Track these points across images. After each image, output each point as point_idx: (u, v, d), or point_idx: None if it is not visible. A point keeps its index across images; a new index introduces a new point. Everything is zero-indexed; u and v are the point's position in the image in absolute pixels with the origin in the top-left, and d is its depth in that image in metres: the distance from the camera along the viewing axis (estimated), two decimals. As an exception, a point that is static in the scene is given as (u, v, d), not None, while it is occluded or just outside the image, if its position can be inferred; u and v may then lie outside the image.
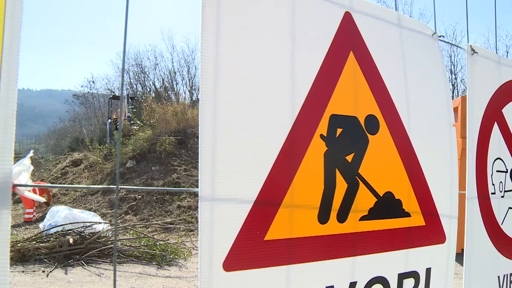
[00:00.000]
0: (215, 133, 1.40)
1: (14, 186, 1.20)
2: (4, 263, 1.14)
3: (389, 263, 1.81)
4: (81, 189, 15.16)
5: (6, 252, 1.14)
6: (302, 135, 1.59)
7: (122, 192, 13.72)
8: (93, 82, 37.08)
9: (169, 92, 33.07)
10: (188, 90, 34.30)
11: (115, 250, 1.39)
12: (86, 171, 17.70)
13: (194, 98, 32.52)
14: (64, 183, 17.05)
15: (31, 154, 1.60)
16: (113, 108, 26.11)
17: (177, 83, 35.01)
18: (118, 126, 20.88)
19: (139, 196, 13.25)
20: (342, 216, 1.70)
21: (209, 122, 1.39)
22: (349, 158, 1.72)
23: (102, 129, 27.16)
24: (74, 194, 15.23)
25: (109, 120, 22.83)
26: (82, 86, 37.49)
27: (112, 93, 34.14)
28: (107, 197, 13.90)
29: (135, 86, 35.13)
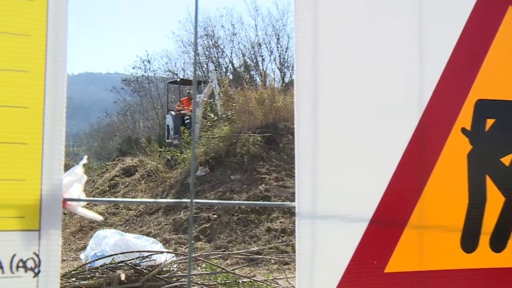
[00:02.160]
0: (316, 131, 1.48)
1: (65, 201, 1.38)
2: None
3: None
4: (136, 207, 15.88)
5: (56, 281, 1.32)
6: (435, 130, 1.63)
7: (194, 205, 14.09)
8: (149, 61, 38.33)
9: (252, 73, 33.39)
10: (279, 69, 34.41)
11: None
12: (142, 182, 18.49)
13: (286, 80, 32.55)
14: (112, 198, 17.81)
15: (84, 161, 1.76)
16: (176, 96, 26.93)
17: (263, 60, 35.25)
18: (186, 121, 21.52)
19: (215, 216, 13.57)
20: (499, 243, 1.71)
21: (308, 116, 1.49)
22: (506, 160, 1.73)
23: (163, 124, 28.11)
24: (126, 213, 15.92)
25: (172, 113, 23.50)
26: (134, 68, 38.91)
27: (175, 76, 35.07)
28: (170, 217, 14.36)
29: (205, 66, 35.91)
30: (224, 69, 35.28)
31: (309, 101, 1.51)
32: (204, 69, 35.49)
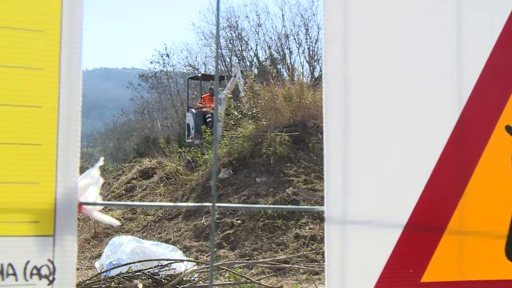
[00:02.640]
0: (346, 130, 1.50)
1: (81, 205, 1.40)
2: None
3: None
4: (154, 212, 15.98)
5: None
6: (476, 129, 1.63)
7: (217, 210, 14.02)
8: (168, 55, 38.48)
9: (278, 67, 33.30)
10: (308, 62, 34.33)
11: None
12: (161, 185, 18.60)
13: (316, 74, 32.44)
14: (129, 202, 17.92)
15: (100, 162, 1.78)
16: (197, 93, 26.97)
17: (290, 52, 35.17)
18: (208, 119, 21.56)
19: (239, 221, 13.58)
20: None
21: (337, 114, 1.50)
22: (555, 161, 1.72)
23: (183, 123, 28.21)
24: (144, 219, 16.02)
25: (192, 111, 23.57)
26: (152, 62, 39.13)
27: (196, 71, 35.05)
28: (191, 223, 14.42)
29: (228, 59, 35.91)
30: (248, 63, 35.21)
31: (338, 98, 1.52)
32: (227, 63, 35.43)
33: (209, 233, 13.52)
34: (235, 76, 21.39)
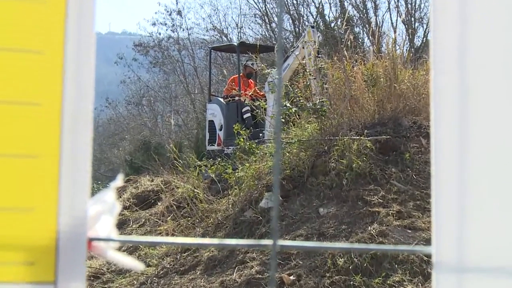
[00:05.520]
0: (467, 134, 1.60)
1: (90, 241, 1.55)
2: None
3: None
4: (157, 261, 16.04)
5: None
6: None
7: (256, 259, 14.06)
8: (180, 13, 38.37)
9: (356, 30, 33.00)
10: (404, 23, 33.91)
11: None
12: (168, 218, 18.60)
13: (418, 43, 31.94)
14: (157, 238, 18.04)
15: (118, 182, 1.83)
16: (228, 70, 26.87)
17: (376, 8, 34.80)
18: (245, 114, 21.36)
19: (292, 277, 13.51)
20: None
21: (453, 110, 1.60)
22: None
23: (203, 121, 28.17)
24: (142, 272, 16.07)
25: (219, 101, 23.40)
26: (154, 24, 38.82)
27: (225, 38, 34.85)
28: (216, 279, 14.31)
29: (275, 19, 35.57)
30: (309, 25, 34.94)
31: (455, 86, 1.59)
32: (272, 25, 35.06)
33: (246, 294, 13.54)
34: (303, 48, 20.69)
